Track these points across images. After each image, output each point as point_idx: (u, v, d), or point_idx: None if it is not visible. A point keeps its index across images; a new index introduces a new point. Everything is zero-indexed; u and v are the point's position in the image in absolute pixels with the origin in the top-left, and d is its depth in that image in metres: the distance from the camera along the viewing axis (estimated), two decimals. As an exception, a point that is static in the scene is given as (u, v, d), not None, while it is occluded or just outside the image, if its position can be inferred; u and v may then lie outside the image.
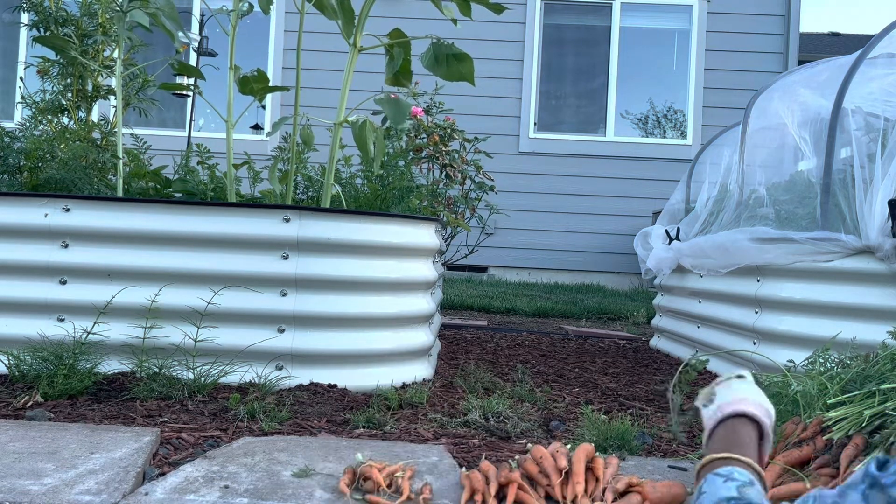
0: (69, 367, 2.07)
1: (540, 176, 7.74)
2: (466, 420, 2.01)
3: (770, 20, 7.73)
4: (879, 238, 2.32)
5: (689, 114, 7.85)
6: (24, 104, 3.23)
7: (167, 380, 2.12)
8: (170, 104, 7.94)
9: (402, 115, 2.43)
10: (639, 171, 7.67)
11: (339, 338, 2.36)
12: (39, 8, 3.14)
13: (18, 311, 2.31)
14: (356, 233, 2.37)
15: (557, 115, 8.17)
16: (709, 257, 3.09)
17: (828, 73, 2.97)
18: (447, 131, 5.09)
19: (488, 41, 7.63)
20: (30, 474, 1.41)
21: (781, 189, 3.01)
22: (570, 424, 2.08)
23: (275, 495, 1.37)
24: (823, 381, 1.67)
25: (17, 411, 1.90)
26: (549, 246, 7.71)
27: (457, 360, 3.10)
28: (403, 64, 2.56)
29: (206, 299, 2.26)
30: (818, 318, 2.48)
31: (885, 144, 2.45)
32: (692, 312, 3.39)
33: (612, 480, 1.39)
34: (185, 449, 1.67)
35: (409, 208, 2.93)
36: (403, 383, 2.45)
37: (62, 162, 2.72)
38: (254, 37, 8.00)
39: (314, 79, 7.39)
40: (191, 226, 2.32)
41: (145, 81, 3.24)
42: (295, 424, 1.92)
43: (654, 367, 3.24)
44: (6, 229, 2.33)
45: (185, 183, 2.86)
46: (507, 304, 5.45)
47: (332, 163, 2.57)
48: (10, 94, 7.95)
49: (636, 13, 8.00)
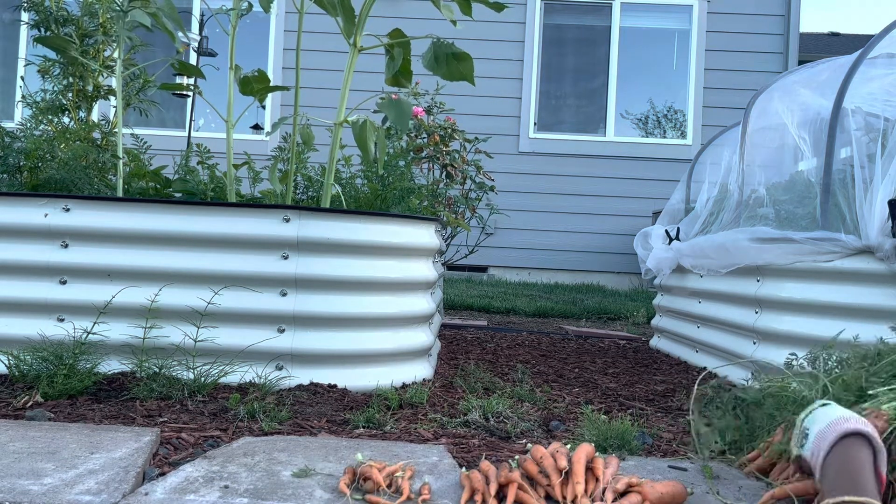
0: (69, 367, 2.07)
1: (540, 176, 7.74)
2: (466, 420, 2.01)
3: (770, 20, 7.74)
4: (879, 238, 2.32)
5: (689, 114, 7.85)
6: (24, 104, 3.23)
7: (167, 380, 2.12)
8: (170, 104, 7.95)
9: (404, 117, 2.43)
10: (639, 171, 7.67)
11: (339, 338, 2.36)
12: (40, 8, 3.14)
13: (18, 311, 2.31)
14: (356, 233, 2.37)
15: (557, 114, 8.17)
16: (709, 257, 3.09)
17: (828, 73, 2.97)
18: (448, 131, 5.10)
19: (488, 41, 7.63)
20: (30, 474, 1.41)
21: (781, 189, 3.01)
22: (570, 424, 2.08)
23: (275, 495, 1.37)
24: (825, 383, 1.67)
25: (17, 411, 1.90)
26: (549, 246, 7.71)
27: (457, 360, 3.10)
28: (403, 64, 2.56)
29: (206, 299, 2.26)
30: (818, 318, 2.48)
31: (885, 144, 2.45)
32: (692, 312, 3.39)
33: (612, 480, 1.39)
34: (185, 449, 1.67)
35: (409, 208, 2.93)
36: (403, 383, 2.45)
37: (62, 162, 2.72)
38: (254, 37, 8.00)
39: (314, 79, 7.39)
40: (191, 226, 2.32)
41: (146, 82, 3.24)
42: (295, 424, 1.92)
43: (655, 367, 3.24)
44: (6, 229, 2.33)
45: (185, 183, 2.87)
46: (507, 304, 5.46)
47: (332, 163, 2.57)
48: (11, 94, 7.96)
49: (636, 13, 8.01)
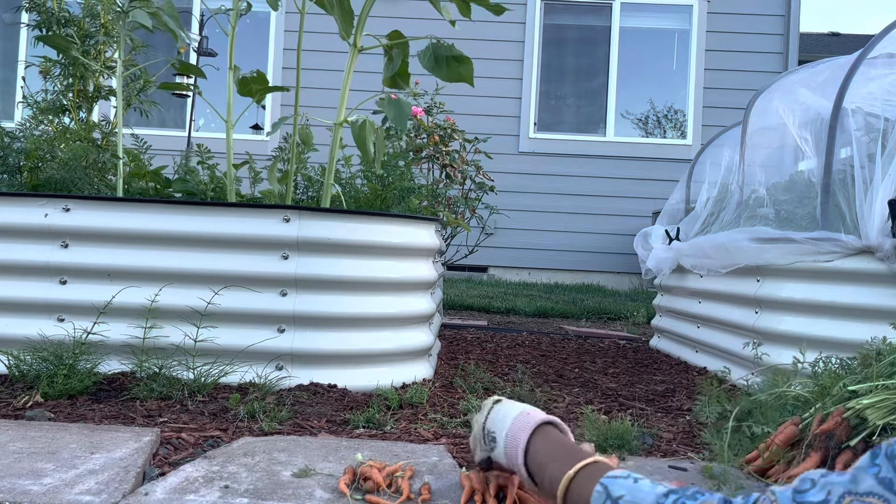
0: (69, 367, 2.07)
1: (540, 176, 7.74)
2: (466, 420, 2.01)
3: (770, 20, 7.74)
4: (879, 238, 2.32)
5: (689, 114, 7.85)
6: (24, 104, 3.23)
7: (167, 380, 2.12)
8: (170, 104, 7.95)
9: (403, 117, 2.43)
10: (639, 171, 7.68)
11: (339, 338, 2.36)
12: (42, 8, 3.14)
13: (18, 311, 2.32)
14: (356, 233, 2.37)
15: (557, 115, 8.17)
16: (709, 257, 3.09)
17: (828, 73, 2.97)
18: (447, 131, 5.10)
19: (488, 41, 7.63)
20: (30, 474, 1.41)
21: (781, 189, 3.01)
22: (570, 424, 2.08)
23: (275, 495, 1.38)
24: (825, 383, 1.67)
25: (17, 411, 1.90)
26: (549, 246, 7.71)
27: (457, 360, 3.10)
28: (402, 66, 2.56)
29: (206, 299, 2.26)
30: (818, 318, 2.48)
31: (885, 144, 2.45)
32: (692, 312, 3.39)
33: (611, 480, 1.39)
34: (185, 449, 1.67)
35: (409, 208, 2.93)
36: (403, 383, 2.45)
37: (62, 162, 2.72)
38: (254, 37, 8.00)
39: (314, 79, 7.39)
40: (191, 226, 2.32)
41: (146, 82, 3.24)
42: (295, 424, 1.92)
43: (654, 368, 3.24)
44: (6, 229, 2.33)
45: (185, 183, 2.87)
46: (507, 304, 5.46)
47: (332, 163, 2.57)
48: (11, 94, 7.96)
49: (636, 13, 8.01)
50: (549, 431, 0.99)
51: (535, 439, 0.98)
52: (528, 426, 0.99)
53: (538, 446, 0.98)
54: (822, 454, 1.49)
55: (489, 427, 1.05)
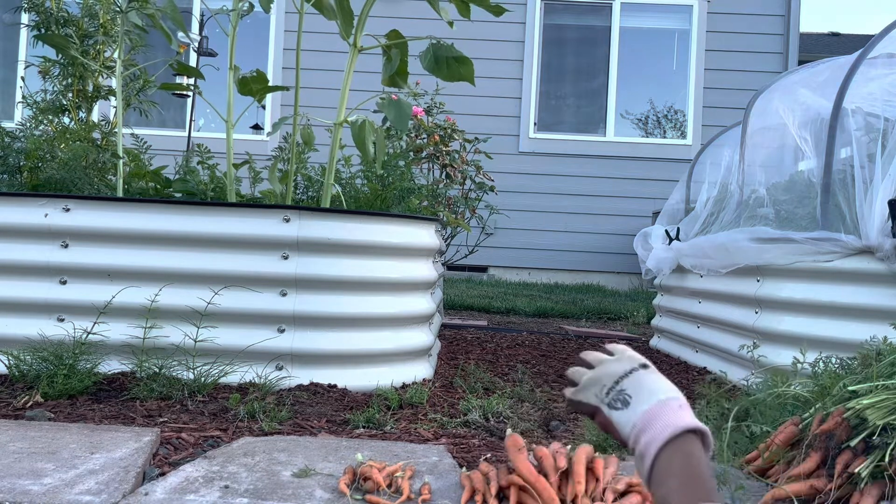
0: (69, 367, 2.07)
1: (540, 176, 7.73)
2: (466, 420, 2.01)
3: (770, 20, 7.73)
4: (879, 238, 2.32)
5: (689, 114, 7.85)
6: (24, 104, 3.23)
7: (167, 380, 2.12)
8: (170, 104, 7.95)
9: (404, 118, 2.43)
10: (639, 171, 7.67)
11: (339, 338, 2.36)
12: (41, 8, 3.14)
13: (18, 311, 2.31)
14: (356, 233, 2.37)
15: (557, 115, 8.17)
16: (709, 257, 3.09)
17: (828, 73, 2.97)
18: (447, 131, 5.10)
19: (488, 41, 7.63)
20: (30, 474, 1.41)
21: (781, 189, 3.01)
22: (571, 424, 2.08)
23: (275, 495, 1.37)
24: (825, 383, 1.67)
25: (17, 411, 1.90)
26: (549, 246, 7.71)
27: (457, 360, 3.10)
28: (400, 65, 2.56)
29: (206, 299, 2.26)
30: (818, 318, 2.48)
31: (885, 144, 2.45)
32: (692, 312, 3.39)
33: (612, 481, 1.39)
34: (185, 449, 1.67)
35: (409, 208, 2.93)
36: (403, 383, 2.45)
37: (62, 162, 2.72)
38: (254, 37, 8.00)
39: (314, 79, 7.39)
40: (191, 226, 2.32)
41: (146, 82, 3.24)
42: (295, 424, 1.92)
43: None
44: (6, 229, 2.33)
45: (185, 183, 2.86)
46: (507, 304, 5.45)
47: (332, 163, 2.57)
48: (11, 94, 7.96)
49: (636, 13, 8.00)
50: (692, 444, 0.83)
51: (675, 444, 0.82)
52: (676, 425, 0.83)
53: (674, 460, 0.82)
54: (822, 454, 1.49)
55: (625, 385, 0.88)
